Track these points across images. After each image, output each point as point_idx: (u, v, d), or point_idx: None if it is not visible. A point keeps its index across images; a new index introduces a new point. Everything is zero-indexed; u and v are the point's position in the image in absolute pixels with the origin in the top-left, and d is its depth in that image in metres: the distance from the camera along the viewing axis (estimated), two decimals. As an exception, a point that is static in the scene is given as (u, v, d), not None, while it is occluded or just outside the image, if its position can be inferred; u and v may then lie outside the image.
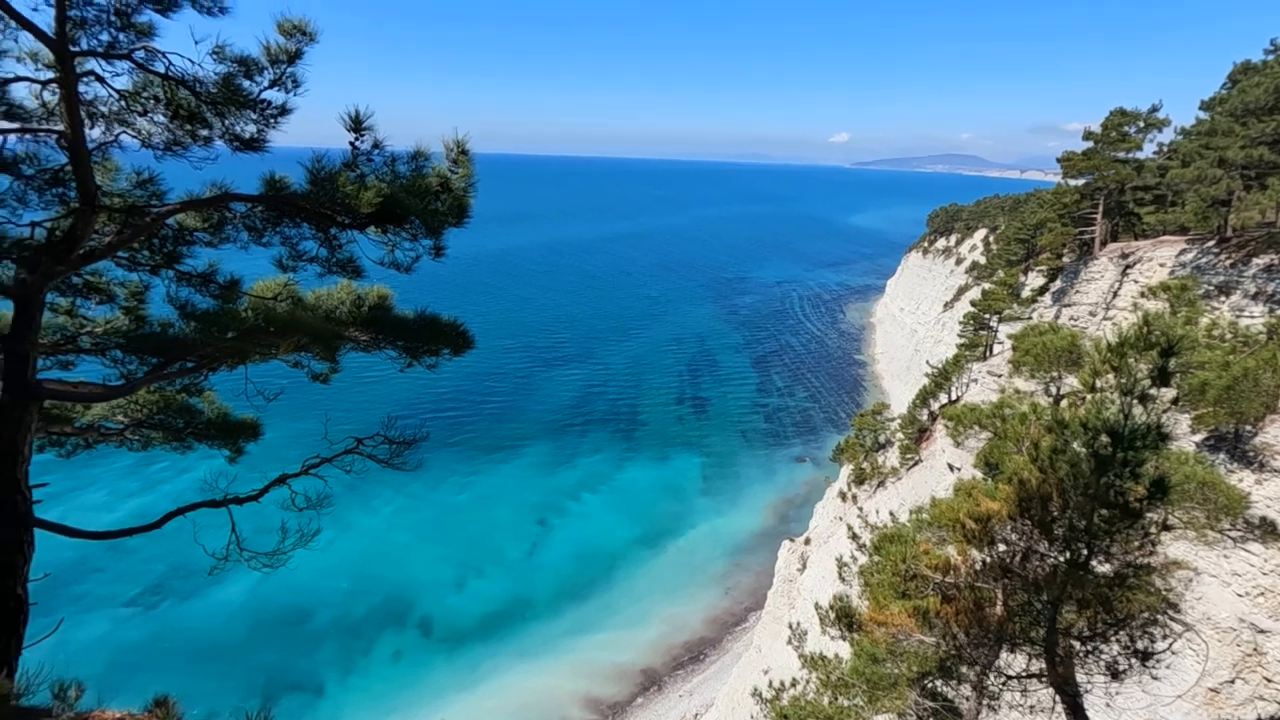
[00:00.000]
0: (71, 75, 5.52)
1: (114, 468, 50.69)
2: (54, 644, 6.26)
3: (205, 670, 39.74)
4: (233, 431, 8.40)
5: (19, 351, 5.61)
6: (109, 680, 5.70)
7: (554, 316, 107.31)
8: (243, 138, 6.64)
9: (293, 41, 6.46)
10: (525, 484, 60.87)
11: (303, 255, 7.66)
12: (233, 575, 45.54)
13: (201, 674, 38.82)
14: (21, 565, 5.75)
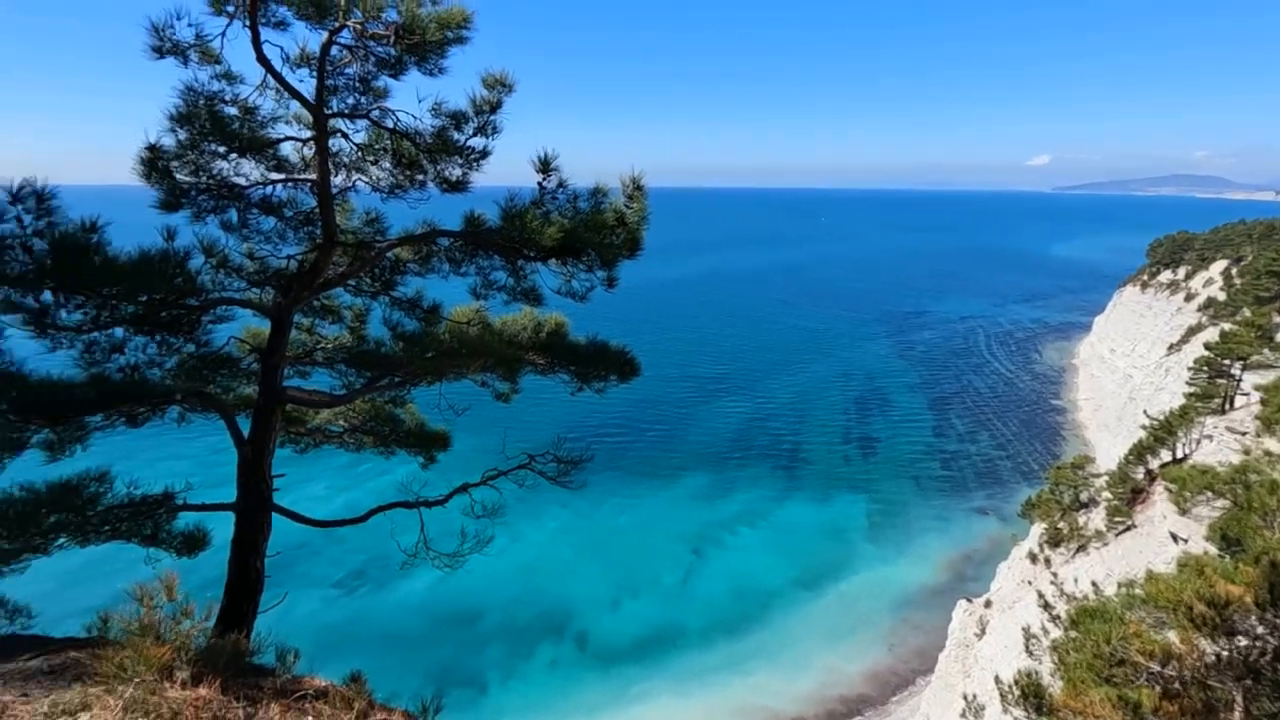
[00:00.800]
0: (324, 133, 6.60)
1: (331, 465, 58.65)
2: (275, 615, 7.29)
3: (388, 655, 44.09)
4: (427, 441, 9.36)
5: (272, 363, 6.72)
6: (310, 652, 6.73)
7: (716, 347, 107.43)
8: (450, 180, 7.48)
9: (494, 93, 7.17)
10: (682, 512, 61.05)
11: (493, 284, 8.40)
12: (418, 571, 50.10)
13: (385, 658, 43.14)
14: (261, 543, 6.82)
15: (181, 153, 6.55)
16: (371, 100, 6.89)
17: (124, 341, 6.57)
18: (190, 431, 8.87)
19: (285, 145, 7.14)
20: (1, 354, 6.18)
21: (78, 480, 7.06)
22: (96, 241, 5.73)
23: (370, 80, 6.84)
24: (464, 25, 6.17)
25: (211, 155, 6.69)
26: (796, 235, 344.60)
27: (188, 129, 6.42)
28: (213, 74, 6.41)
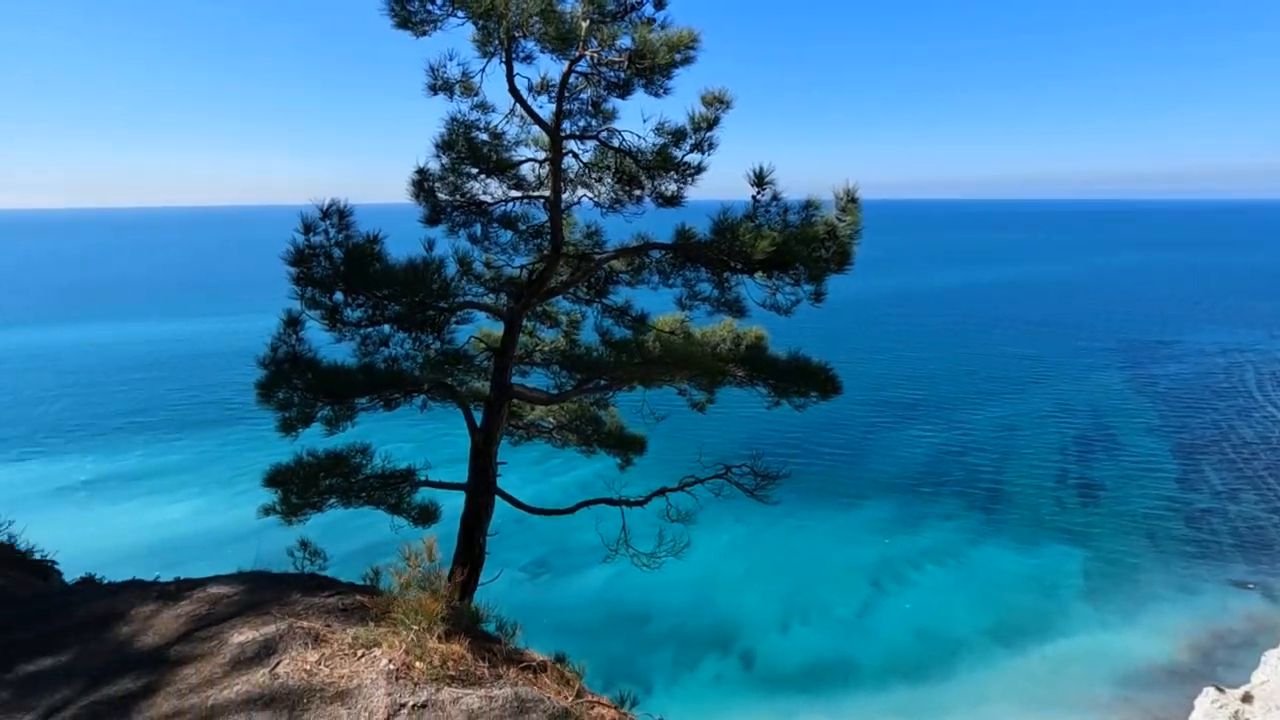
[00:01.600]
0: (559, 153, 7.21)
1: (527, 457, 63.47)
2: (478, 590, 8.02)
3: (562, 642, 46.48)
4: (626, 444, 9.78)
5: (504, 361, 7.46)
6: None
7: (908, 369, 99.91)
8: (665, 195, 7.77)
9: (712, 110, 7.32)
10: (862, 540, 57.59)
11: (698, 295, 8.57)
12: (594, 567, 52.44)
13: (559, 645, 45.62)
14: (485, 521, 7.58)
15: (444, 175, 7.54)
16: (601, 122, 7.41)
17: (389, 337, 7.68)
18: (409, 416, 10.03)
19: (524, 166, 7.91)
20: (302, 342, 7.53)
21: (347, 451, 8.36)
22: (377, 252, 6.78)
23: (600, 103, 7.35)
24: (691, 46, 6.40)
25: (465, 176, 7.62)
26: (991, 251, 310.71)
27: (449, 154, 7.38)
28: (471, 105, 7.30)
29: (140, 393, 63.99)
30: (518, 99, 6.88)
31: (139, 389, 65.51)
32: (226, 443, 52.77)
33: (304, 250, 6.78)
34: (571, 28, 6.34)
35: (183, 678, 3.14)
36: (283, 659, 3.16)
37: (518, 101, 6.91)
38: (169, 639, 3.52)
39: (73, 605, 3.99)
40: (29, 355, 75.82)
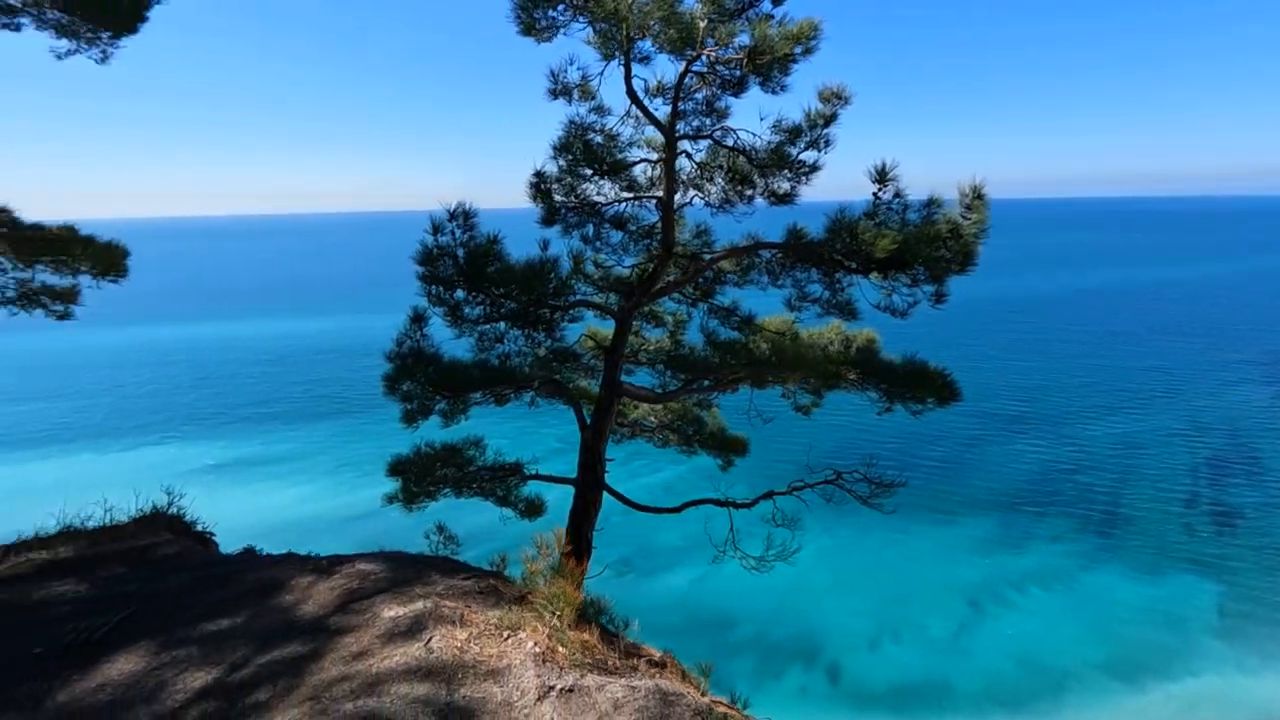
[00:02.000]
0: (673, 154, 7.24)
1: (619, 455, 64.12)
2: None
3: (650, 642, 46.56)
4: (727, 445, 9.69)
5: (614, 359, 7.56)
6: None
7: (1015, 379, 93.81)
8: (778, 193, 7.64)
9: (829, 106, 7.12)
10: (959, 556, 54.50)
11: (807, 297, 8.37)
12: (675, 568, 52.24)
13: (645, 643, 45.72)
14: (593, 516, 7.71)
15: (560, 177, 7.74)
16: (715, 121, 7.38)
17: (504, 334, 7.95)
18: (504, 412, 10.28)
19: (637, 167, 7.99)
20: (426, 338, 7.91)
21: (461, 444, 8.72)
22: (497, 251, 7.03)
23: (714, 102, 7.33)
24: (812, 37, 6.25)
25: (580, 178, 7.79)
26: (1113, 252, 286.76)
27: (565, 156, 7.57)
28: (588, 108, 7.46)
29: (263, 385, 69.44)
30: (634, 101, 6.96)
31: (263, 382, 71.09)
32: (335, 433, 56.44)
33: (432, 250, 7.14)
34: (690, 28, 6.35)
35: (344, 646, 3.33)
36: (434, 635, 3.30)
37: (634, 103, 6.99)
38: (327, 609, 3.76)
39: (240, 573, 4.34)
40: (171, 349, 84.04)
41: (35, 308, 9.77)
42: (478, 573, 4.31)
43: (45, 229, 8.88)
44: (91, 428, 57.91)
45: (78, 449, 53.71)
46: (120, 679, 3.26)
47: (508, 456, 9.26)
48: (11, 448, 54.39)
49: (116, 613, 3.89)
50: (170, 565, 4.60)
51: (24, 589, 4.32)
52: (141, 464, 50.61)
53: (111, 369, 76.36)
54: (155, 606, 3.97)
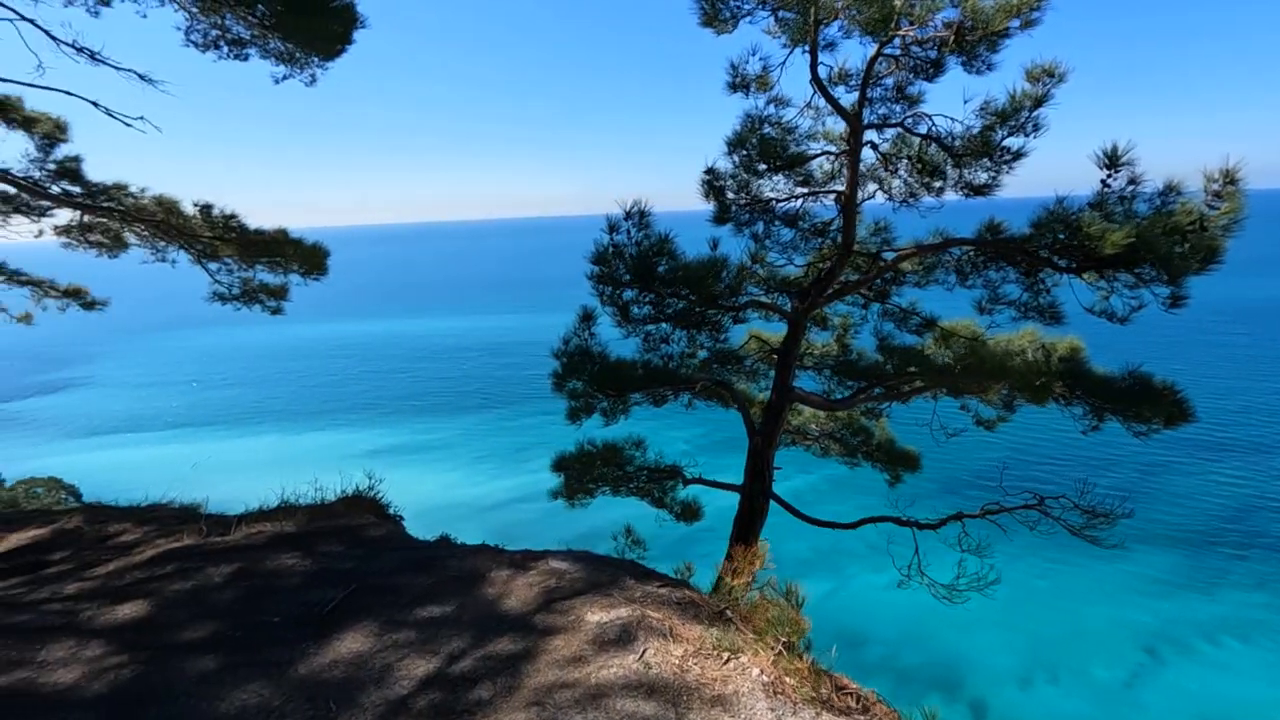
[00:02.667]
0: (858, 144, 6.73)
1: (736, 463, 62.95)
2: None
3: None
4: (897, 459, 8.97)
5: (787, 362, 7.17)
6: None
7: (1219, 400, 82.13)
8: (974, 185, 6.89)
9: (1039, 86, 6.30)
10: (1132, 596, 48.15)
11: (1001, 299, 7.51)
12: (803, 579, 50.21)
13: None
14: (759, 526, 7.36)
15: (734, 173, 7.48)
16: (905, 107, 6.78)
17: (669, 335, 7.81)
18: (652, 413, 10.09)
19: (813, 161, 7.55)
20: (594, 337, 7.95)
21: (622, 443, 8.70)
22: (670, 250, 6.89)
23: (904, 87, 6.73)
24: (1035, 7, 5.52)
25: (754, 174, 7.48)
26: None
27: (739, 152, 7.29)
28: (765, 100, 7.13)
29: (417, 379, 75.35)
30: (820, 89, 6.53)
31: (417, 376, 77.12)
32: (478, 426, 60.02)
33: (605, 250, 7.13)
34: (888, 6, 5.84)
35: (555, 648, 3.24)
36: (647, 647, 3.12)
37: (820, 91, 6.56)
38: (530, 607, 3.71)
39: (442, 559, 4.44)
40: (341, 344, 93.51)
41: (254, 303, 10.99)
42: (671, 581, 4.12)
43: (264, 232, 9.92)
44: (274, 413, 65.65)
45: (264, 431, 61.02)
46: (350, 657, 3.36)
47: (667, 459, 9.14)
48: (214, 426, 62.81)
49: (339, 589, 4.09)
50: (379, 546, 4.81)
51: (258, 558, 4.68)
52: (313, 446, 56.54)
53: (291, 360, 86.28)
54: (371, 586, 4.13)
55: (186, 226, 10.14)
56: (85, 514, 6.86)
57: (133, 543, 5.97)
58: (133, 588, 4.46)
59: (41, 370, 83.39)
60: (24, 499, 36.29)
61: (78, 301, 11.55)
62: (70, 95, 9.07)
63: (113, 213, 9.74)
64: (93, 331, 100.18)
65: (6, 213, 10.72)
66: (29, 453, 54.69)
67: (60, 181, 9.82)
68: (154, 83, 9.60)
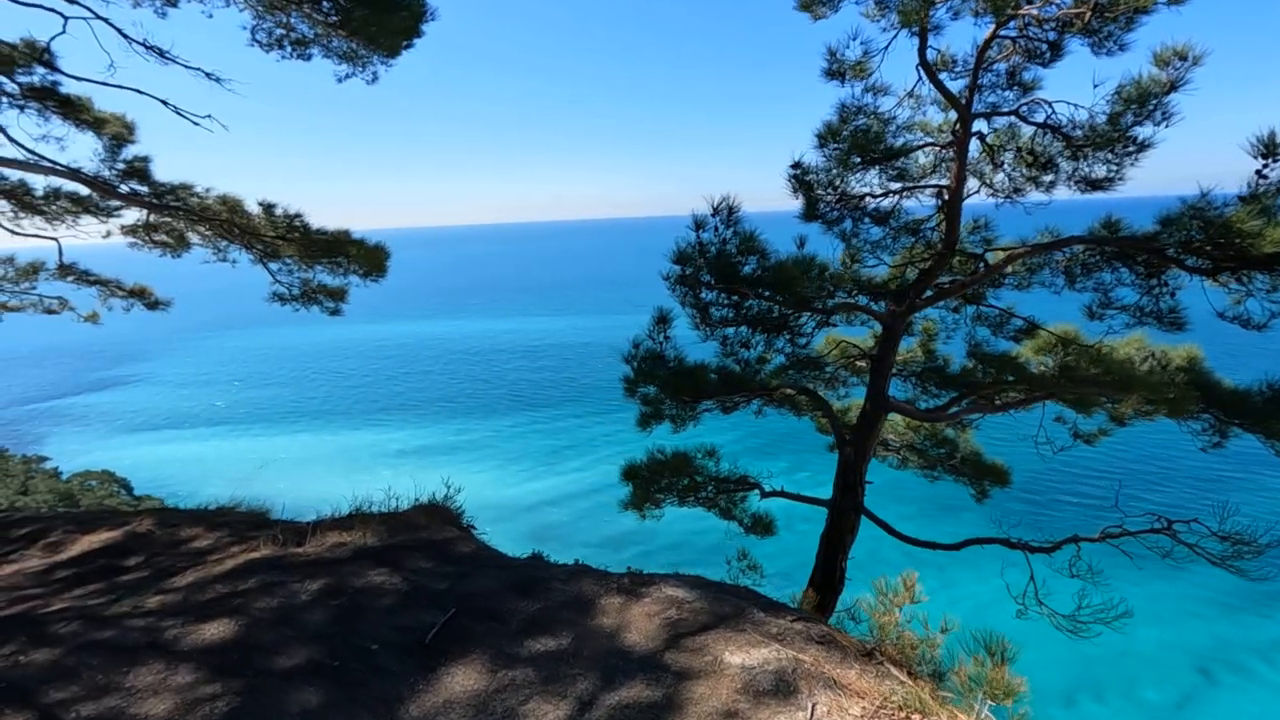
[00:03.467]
0: (967, 135, 6.21)
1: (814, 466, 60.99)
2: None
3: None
4: (984, 473, 8.37)
5: (883, 369, 6.66)
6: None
7: None
8: (1091, 179, 6.31)
9: (1169, 71, 5.71)
10: (1188, 615, 46.11)
11: (1113, 303, 6.90)
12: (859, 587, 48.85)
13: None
14: (849, 543, 6.85)
15: (826, 167, 7.00)
16: (1019, 94, 6.24)
17: (748, 339, 7.36)
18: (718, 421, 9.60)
19: (911, 155, 7.04)
20: (669, 340, 7.53)
21: (692, 452, 8.26)
22: (759, 248, 6.44)
23: (1017, 73, 6.19)
24: (1188, -19, 4.96)
25: (845, 168, 6.99)
26: None
27: (830, 144, 6.81)
28: (862, 89, 6.65)
29: (453, 380, 75.97)
30: (929, 75, 6.03)
31: (453, 376, 77.79)
32: (512, 427, 60.16)
33: (689, 248, 6.71)
34: (1013, -18, 5.32)
35: (699, 698, 2.82)
36: (815, 702, 2.68)
37: (928, 77, 6.06)
38: (656, 643, 3.30)
39: (543, 582, 4.05)
40: (379, 345, 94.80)
41: (313, 304, 10.83)
42: (803, 615, 3.67)
43: (326, 232, 9.74)
44: (312, 411, 66.73)
45: (304, 429, 61.98)
46: (465, 697, 2.99)
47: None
48: (252, 423, 63.95)
49: (438, 613, 3.73)
50: (470, 563, 4.45)
51: (345, 574, 4.35)
52: (351, 444, 57.25)
53: (331, 359, 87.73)
54: (472, 611, 3.76)
55: (249, 226, 10.01)
56: (155, 516, 6.67)
57: (207, 549, 5.73)
58: (217, 604, 4.16)
59: (96, 367, 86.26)
60: (79, 491, 37.29)
61: (142, 301, 11.54)
62: (140, 94, 8.98)
63: (179, 212, 9.64)
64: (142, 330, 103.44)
65: (76, 213, 10.74)
66: (84, 447, 56.43)
67: (129, 181, 9.75)
68: (221, 81, 9.46)
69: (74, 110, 9.49)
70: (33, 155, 9.13)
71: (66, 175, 9.23)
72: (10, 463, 40.79)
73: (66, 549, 6.12)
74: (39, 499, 34.18)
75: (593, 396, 67.61)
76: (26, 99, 9.25)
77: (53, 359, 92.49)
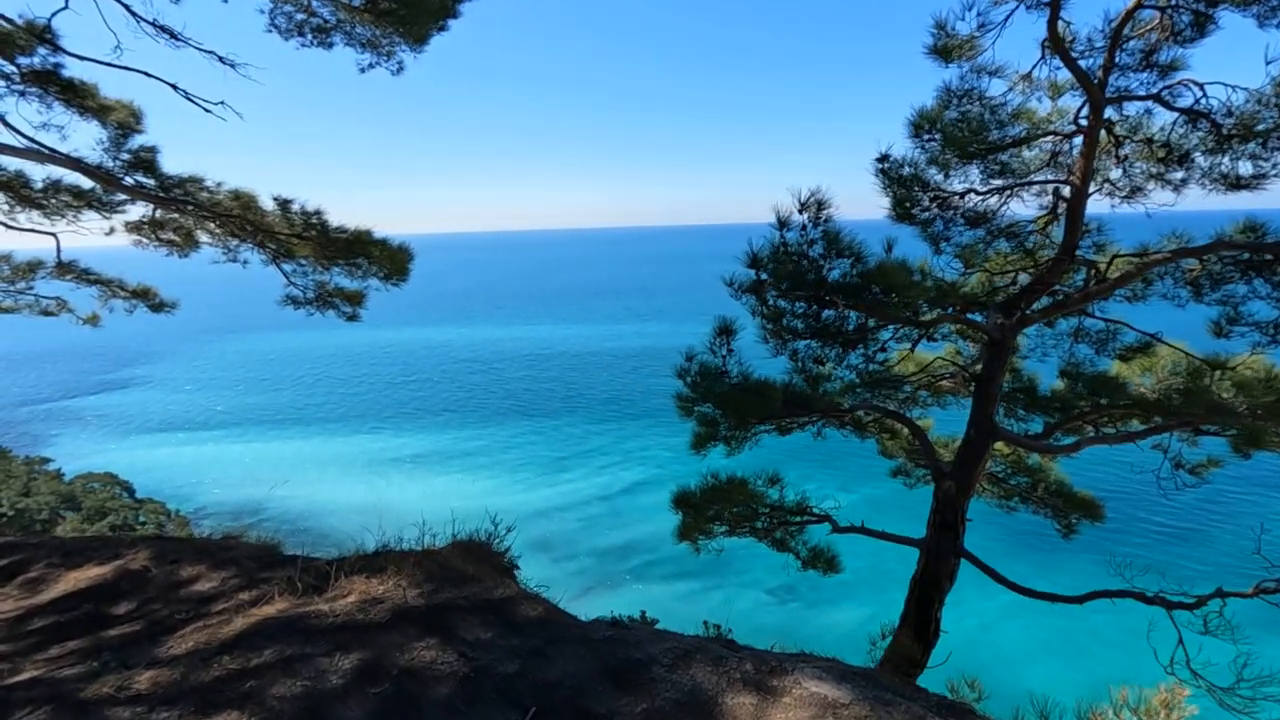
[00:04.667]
0: (1098, 124, 5.33)
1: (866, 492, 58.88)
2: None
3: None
4: (1072, 505, 7.43)
5: (989, 393, 5.75)
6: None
7: None
8: (1233, 177, 5.43)
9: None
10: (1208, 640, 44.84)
11: (1240, 319, 6.01)
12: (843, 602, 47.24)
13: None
14: (946, 589, 5.92)
15: (920, 160, 6.12)
16: (1156, 77, 5.36)
17: (819, 353, 6.46)
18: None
19: (1016, 148, 6.16)
20: (731, 353, 6.62)
21: (752, 478, 7.34)
22: (857, 250, 5.55)
23: (1154, 53, 5.32)
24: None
25: (945, 161, 6.11)
26: None
27: (927, 133, 5.94)
28: (968, 69, 5.78)
29: (459, 386, 74.98)
30: (1059, 50, 5.15)
31: (463, 383, 76.79)
32: (517, 434, 59.13)
33: (768, 250, 5.82)
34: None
35: None
36: None
37: (1058, 54, 5.19)
38: (826, 777, 2.36)
39: (643, 666, 3.12)
40: (384, 350, 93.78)
41: (328, 309, 9.93)
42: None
43: (346, 231, 8.86)
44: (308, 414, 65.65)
45: (300, 433, 60.84)
46: None
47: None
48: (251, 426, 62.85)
49: (511, 712, 2.81)
50: (539, 632, 3.52)
51: (384, 645, 3.43)
52: (354, 449, 56.19)
53: (330, 363, 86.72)
54: (556, 712, 2.83)
55: (263, 223, 9.11)
56: (152, 548, 5.75)
57: (211, 594, 4.80)
58: (224, 686, 3.23)
59: (100, 370, 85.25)
60: (81, 493, 36.28)
61: (146, 303, 10.63)
62: (149, 76, 8.11)
63: (187, 207, 8.75)
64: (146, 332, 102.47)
65: (78, 208, 9.84)
66: (86, 449, 55.37)
67: (134, 173, 8.85)
68: (235, 66, 8.56)
69: (77, 96, 8.60)
70: (33, 143, 8.24)
71: (67, 164, 8.34)
72: (13, 464, 39.84)
73: (48, 588, 5.19)
74: (41, 500, 33.21)
75: (595, 406, 66.62)
76: (27, 83, 8.36)
77: (57, 360, 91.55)
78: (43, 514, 32.14)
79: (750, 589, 53.92)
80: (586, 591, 36.65)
